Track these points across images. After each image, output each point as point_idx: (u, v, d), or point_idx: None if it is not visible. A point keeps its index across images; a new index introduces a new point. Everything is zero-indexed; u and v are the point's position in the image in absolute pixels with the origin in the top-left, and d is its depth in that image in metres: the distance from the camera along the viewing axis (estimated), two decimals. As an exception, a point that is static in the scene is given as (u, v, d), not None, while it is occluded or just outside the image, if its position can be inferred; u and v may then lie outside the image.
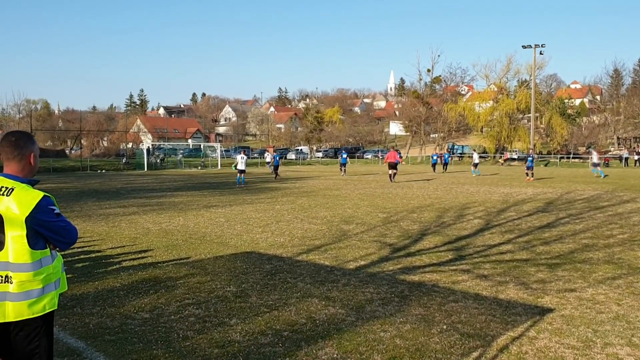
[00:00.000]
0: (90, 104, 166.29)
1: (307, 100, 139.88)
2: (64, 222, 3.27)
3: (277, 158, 36.85)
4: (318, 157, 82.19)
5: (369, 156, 77.65)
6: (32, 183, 3.31)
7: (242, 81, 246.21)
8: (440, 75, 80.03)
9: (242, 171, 29.06)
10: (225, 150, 73.01)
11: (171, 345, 5.16)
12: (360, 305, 6.46)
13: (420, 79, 79.57)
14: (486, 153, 68.12)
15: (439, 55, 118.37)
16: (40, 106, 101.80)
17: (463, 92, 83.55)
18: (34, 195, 3.17)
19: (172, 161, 63.05)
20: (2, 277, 3.12)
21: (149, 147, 61.94)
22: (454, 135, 78.53)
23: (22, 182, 3.25)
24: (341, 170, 39.37)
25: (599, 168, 36.38)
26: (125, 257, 9.53)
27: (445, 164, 47.06)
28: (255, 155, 74.87)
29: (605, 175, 35.67)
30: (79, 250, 10.05)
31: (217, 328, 5.67)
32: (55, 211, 3.24)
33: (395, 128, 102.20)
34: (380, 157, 54.28)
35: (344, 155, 41.18)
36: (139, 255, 9.61)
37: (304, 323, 5.80)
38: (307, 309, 6.33)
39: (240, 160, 29.28)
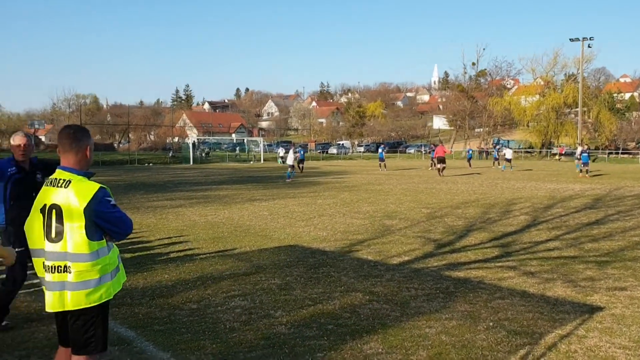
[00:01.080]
0: (138, 99, 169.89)
1: (349, 94, 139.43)
2: (119, 213, 3.37)
3: (302, 152, 37.32)
4: (360, 152, 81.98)
5: (412, 151, 76.95)
6: (88, 175, 3.42)
7: (285, 76, 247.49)
8: (485, 69, 78.61)
9: (292, 166, 29.33)
10: (267, 145, 73.61)
11: (218, 336, 5.26)
12: (405, 300, 6.43)
13: (465, 73, 78.45)
14: (532, 148, 66.69)
15: (484, 49, 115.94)
16: (90, 101, 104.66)
17: (509, 86, 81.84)
18: (90, 187, 3.28)
19: (220, 155, 63.91)
20: (61, 266, 3.24)
21: (194, 141, 63.01)
22: (499, 130, 77.06)
23: (79, 174, 3.36)
24: (380, 166, 39.12)
25: None
26: (172, 248, 9.75)
27: (496, 159, 46.17)
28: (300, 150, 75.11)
29: None
30: (128, 241, 10.31)
31: (262, 320, 5.75)
32: (111, 202, 3.34)
33: (438, 122, 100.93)
34: (424, 152, 53.81)
35: (380, 150, 41.01)
36: (186, 247, 9.82)
37: (348, 317, 5.82)
38: (351, 303, 6.35)
39: (292, 156, 29.60)
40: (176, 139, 79.09)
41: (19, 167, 5.46)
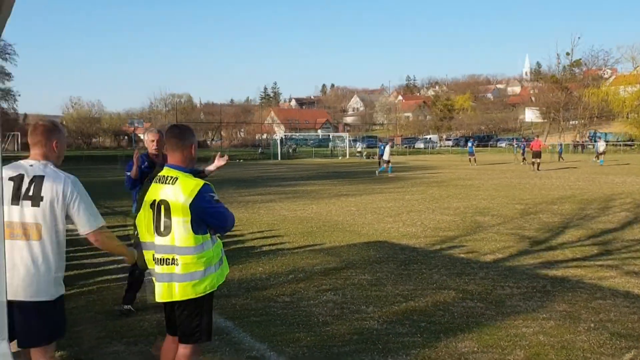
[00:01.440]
0: (228, 97, 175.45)
1: (436, 87, 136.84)
2: (222, 208, 3.53)
3: (382, 147, 37.17)
4: (448, 146, 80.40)
5: (503, 144, 74.46)
6: (194, 172, 3.61)
7: (370, 71, 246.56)
8: (580, 58, 74.74)
9: (387, 161, 29.12)
10: (352, 140, 73.73)
11: (312, 329, 5.37)
12: (500, 299, 6.28)
13: (559, 63, 74.93)
14: (632, 141, 62.70)
15: (579, 38, 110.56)
16: (184, 100, 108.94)
17: (606, 76, 77.30)
18: (195, 184, 3.45)
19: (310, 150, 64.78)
20: (169, 259, 3.44)
21: (281, 137, 64.27)
22: (596, 122, 73.03)
23: (185, 171, 3.55)
24: (470, 160, 38.14)
25: None
26: (264, 242, 10.03)
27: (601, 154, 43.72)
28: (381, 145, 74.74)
29: None
30: (223, 234, 10.70)
31: (354, 315, 5.80)
32: (215, 198, 3.51)
33: (530, 115, 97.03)
34: (515, 146, 52.01)
35: (469, 145, 40.04)
36: (277, 241, 10.06)
37: (441, 315, 5.76)
38: (443, 300, 6.28)
39: (388, 150, 29.46)
40: (264, 136, 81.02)
41: (150, 161, 6.00)
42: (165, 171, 3.57)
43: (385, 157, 29.26)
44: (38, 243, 3.16)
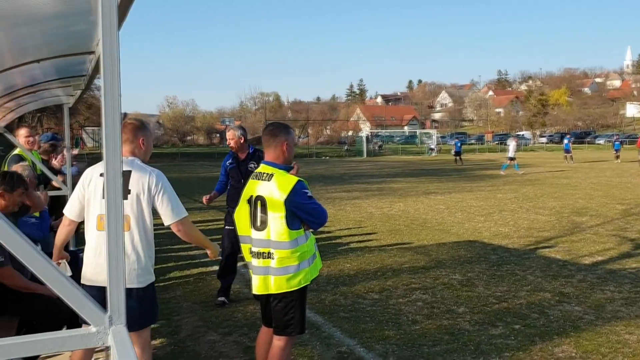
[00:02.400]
0: (315, 95, 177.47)
1: (530, 81, 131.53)
2: (315, 205, 3.61)
3: (459, 144, 36.34)
4: (542, 143, 77.05)
5: (601, 141, 70.41)
6: (288, 169, 3.70)
7: (459, 66, 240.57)
8: (692, 47, 69.23)
9: (512, 158, 27.88)
10: (441, 137, 72.37)
11: (401, 328, 5.35)
12: (600, 303, 5.98)
13: (667, 53, 69.72)
14: None
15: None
16: (272, 98, 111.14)
17: None
18: (290, 180, 3.55)
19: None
20: (265, 253, 3.56)
21: (367, 134, 64.17)
22: None
23: (280, 168, 3.65)
24: (566, 158, 36.32)
25: None
26: (352, 239, 10.08)
27: None
28: (472, 141, 72.90)
29: None
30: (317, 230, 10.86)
31: (445, 315, 5.73)
32: (308, 194, 3.59)
33: (633, 110, 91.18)
34: (614, 141, 48.83)
35: (565, 141, 38.15)
36: (365, 238, 10.09)
37: (536, 318, 5.57)
38: (539, 303, 6.06)
39: (513, 146, 28.37)
40: (350, 133, 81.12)
41: (234, 157, 6.26)
42: (262, 168, 3.69)
43: (511, 154, 28.04)
44: (127, 234, 3.32)
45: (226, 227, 6.28)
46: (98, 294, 3.36)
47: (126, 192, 3.38)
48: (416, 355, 4.69)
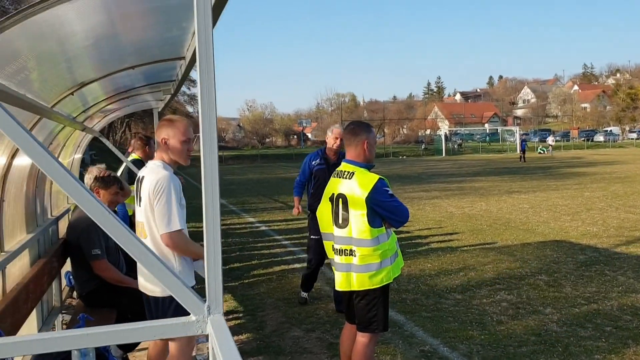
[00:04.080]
0: (391, 94, 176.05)
1: (618, 75, 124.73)
2: (396, 202, 3.62)
3: (524, 143, 35.14)
4: (632, 139, 72.91)
5: (699, 136, 65.74)
6: (369, 167, 3.74)
7: (541, 60, 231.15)
8: None
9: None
10: (524, 134, 69.95)
11: (485, 328, 5.26)
12: (701, 307, 5.62)
13: None
14: None
15: None
16: (348, 99, 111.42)
17: None
18: (371, 178, 3.58)
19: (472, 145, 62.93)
20: (347, 250, 3.61)
21: (446, 132, 63.04)
22: None
23: (361, 166, 3.69)
24: None
25: None
26: (432, 238, 9.97)
27: None
28: (557, 138, 70.00)
29: None
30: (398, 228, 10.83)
31: (531, 315, 5.57)
32: (389, 192, 3.60)
33: None
34: None
35: None
36: (446, 238, 9.95)
37: (629, 320, 5.31)
38: (631, 305, 5.78)
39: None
40: (428, 132, 79.98)
41: (324, 158, 5.92)
42: (343, 166, 3.75)
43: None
44: (146, 241, 3.20)
45: (311, 237, 5.97)
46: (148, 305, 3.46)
47: (139, 198, 3.32)
48: (502, 355, 4.59)
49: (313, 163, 5.98)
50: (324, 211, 3.80)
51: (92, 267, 4.46)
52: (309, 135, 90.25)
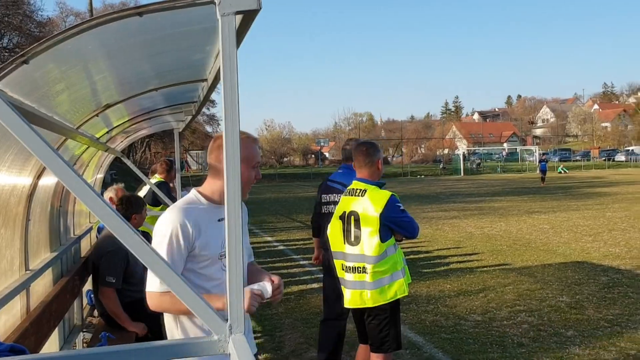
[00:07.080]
0: (409, 114, 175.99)
1: (639, 94, 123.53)
2: (408, 218, 3.65)
3: (544, 164, 34.81)
4: (655, 159, 71.87)
5: None
6: (380, 185, 3.78)
7: (560, 79, 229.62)
8: None
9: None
10: (543, 153, 69.38)
11: (506, 350, 5.20)
12: None
13: None
14: None
15: None
16: (365, 118, 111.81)
17: None
18: (383, 195, 3.62)
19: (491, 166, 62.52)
20: (360, 267, 3.63)
21: (464, 152, 62.79)
22: None
23: (372, 184, 3.74)
24: None
25: None
26: (451, 259, 9.90)
27: None
28: (577, 157, 69.30)
29: None
30: (408, 250, 10.78)
31: (552, 338, 5.50)
32: (401, 207, 3.64)
33: None
34: None
35: None
36: (465, 259, 9.87)
37: (654, 344, 5.21)
38: (657, 328, 5.68)
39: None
40: (446, 151, 79.75)
41: None
42: (354, 184, 3.80)
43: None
44: None
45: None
46: None
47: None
48: (523, 379, 4.53)
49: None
50: (335, 230, 3.82)
51: (99, 291, 4.45)
52: (327, 155, 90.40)
